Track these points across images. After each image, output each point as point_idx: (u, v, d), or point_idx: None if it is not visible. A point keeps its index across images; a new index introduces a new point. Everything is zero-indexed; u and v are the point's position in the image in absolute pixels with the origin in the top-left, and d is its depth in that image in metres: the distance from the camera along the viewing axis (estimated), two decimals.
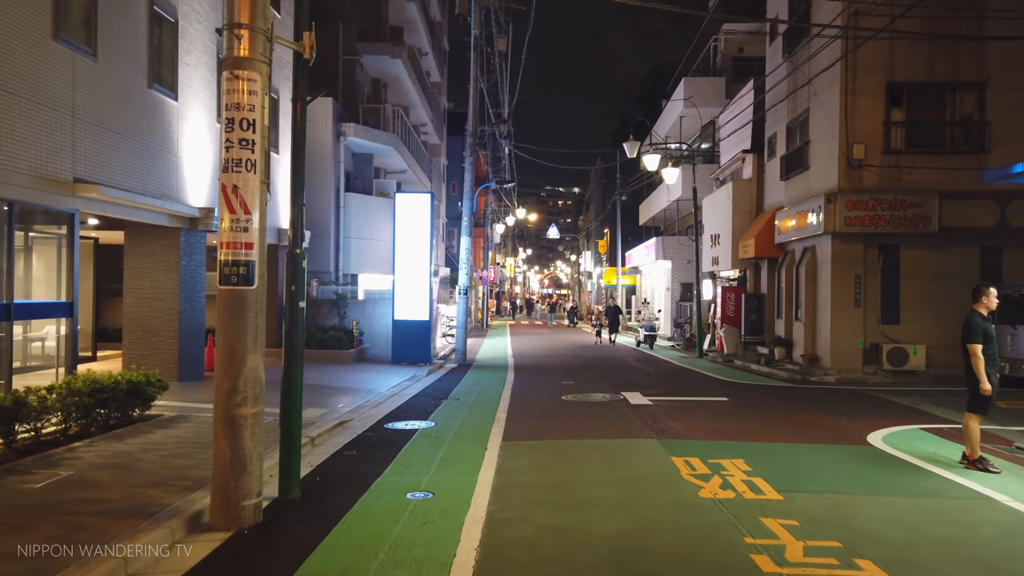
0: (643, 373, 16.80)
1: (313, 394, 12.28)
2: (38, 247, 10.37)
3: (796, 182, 18.01)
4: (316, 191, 20.18)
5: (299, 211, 6.21)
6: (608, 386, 13.95)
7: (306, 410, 10.76)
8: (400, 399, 12.34)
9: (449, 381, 15.13)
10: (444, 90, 39.38)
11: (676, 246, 29.33)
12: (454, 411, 10.97)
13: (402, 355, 17.75)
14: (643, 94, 48.98)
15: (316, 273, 20.17)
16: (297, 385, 6.20)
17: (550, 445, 8.35)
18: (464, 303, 19.87)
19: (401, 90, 26.84)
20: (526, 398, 12.31)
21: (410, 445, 8.38)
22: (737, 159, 22.54)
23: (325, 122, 20.10)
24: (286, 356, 6.21)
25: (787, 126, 18.89)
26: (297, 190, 6.25)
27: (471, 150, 19.30)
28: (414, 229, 17.77)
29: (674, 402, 11.82)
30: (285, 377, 6.19)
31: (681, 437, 8.74)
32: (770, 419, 10.22)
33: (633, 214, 40.66)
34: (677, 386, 14.29)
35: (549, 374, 16.41)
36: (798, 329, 17.46)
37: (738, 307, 21.19)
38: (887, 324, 15.65)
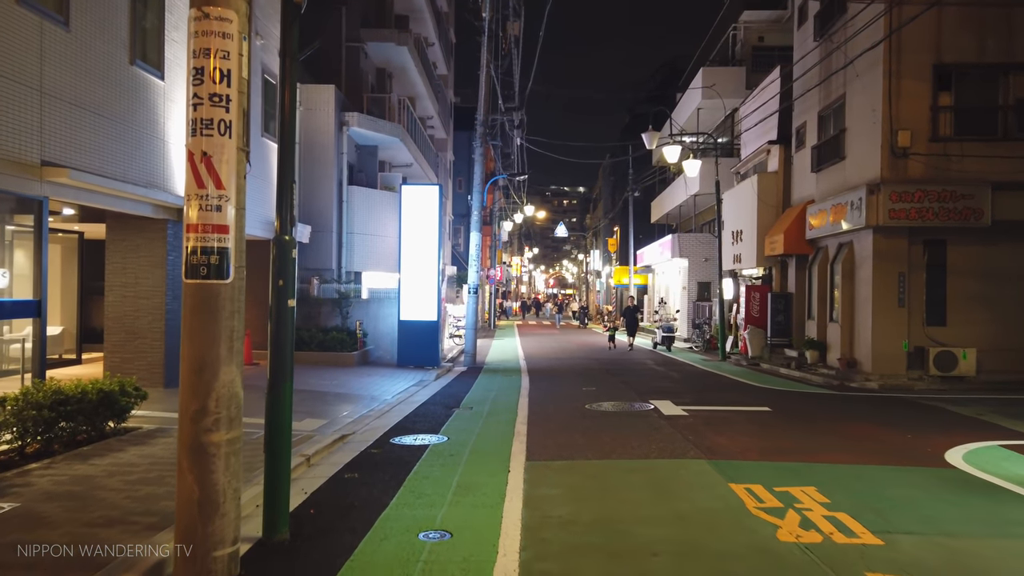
0: (667, 378, 15.64)
1: (312, 402, 11.18)
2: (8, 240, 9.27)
3: (830, 174, 16.82)
4: (317, 184, 19.06)
5: (288, 189, 5.07)
6: (634, 393, 12.80)
7: (303, 420, 9.66)
8: (407, 407, 11.21)
9: (459, 387, 14.00)
10: (451, 83, 38.27)
11: (693, 243, 28.14)
12: (468, 422, 9.83)
13: (408, 358, 16.63)
14: (654, 90, 47.82)
15: (317, 270, 19.05)
16: (285, 402, 5.07)
17: (583, 467, 7.20)
18: (474, 302, 18.74)
19: (407, 81, 25.72)
20: (546, 407, 11.17)
21: (420, 466, 7.25)
22: (761, 151, 21.36)
23: (327, 111, 18.99)
24: (272, 367, 5.08)
25: (819, 114, 17.70)
26: (286, 163, 5.10)
27: (481, 140, 18.17)
28: (421, 223, 16.64)
29: (711, 412, 10.67)
30: (271, 392, 5.06)
31: (733, 457, 7.59)
32: (825, 433, 9.07)
33: (643, 212, 39.49)
34: (708, 393, 13.13)
35: (566, 379, 15.26)
36: (833, 331, 16.28)
37: (763, 307, 20.01)
38: (932, 326, 14.47)
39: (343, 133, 19.54)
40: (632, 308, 25.11)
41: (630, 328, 24.27)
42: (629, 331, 24.28)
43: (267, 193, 15.82)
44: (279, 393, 5.02)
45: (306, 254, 19.03)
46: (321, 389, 12.68)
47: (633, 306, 25.46)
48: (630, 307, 25.25)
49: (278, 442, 4.98)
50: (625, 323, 24.78)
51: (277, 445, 4.98)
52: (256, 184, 15.11)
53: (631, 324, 24.30)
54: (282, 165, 5.01)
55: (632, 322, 24.33)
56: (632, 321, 24.35)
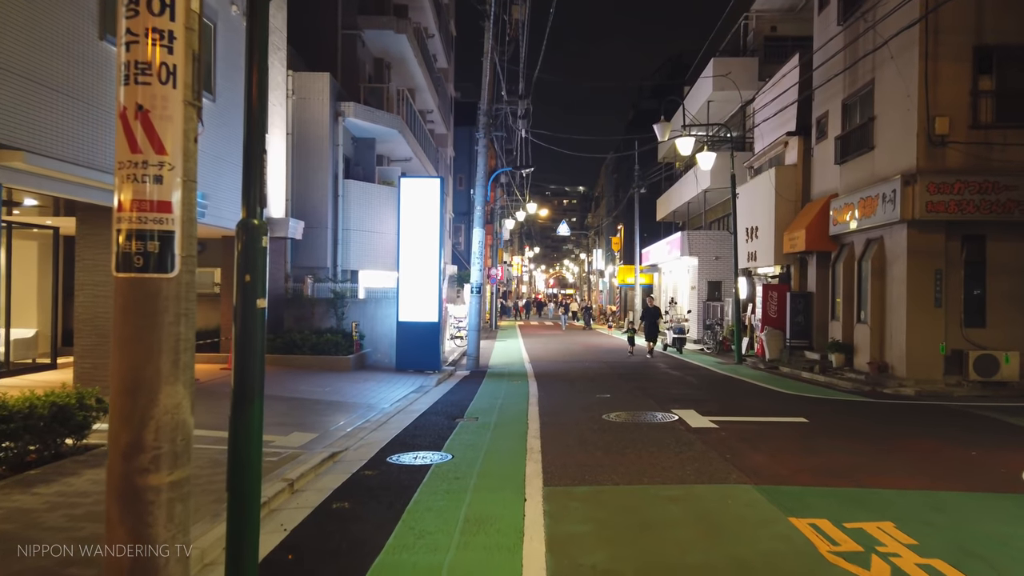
0: (685, 384, 14.62)
1: (302, 412, 10.16)
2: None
3: (856, 165, 15.81)
4: (311, 177, 18.03)
5: (257, 160, 4.02)
6: (652, 401, 11.78)
7: (290, 435, 8.64)
8: (406, 418, 10.19)
9: (463, 393, 12.98)
10: (451, 77, 37.27)
11: (704, 241, 27.12)
12: (474, 436, 8.81)
13: (407, 361, 15.60)
14: (659, 85, 46.80)
15: (311, 269, 18.02)
16: (253, 428, 4.04)
17: (612, 495, 6.18)
18: (477, 302, 17.72)
19: (406, 72, 24.71)
20: (559, 417, 10.14)
21: (422, 492, 6.23)
22: (778, 143, 20.35)
23: (321, 100, 17.96)
24: (236, 384, 4.04)
25: (843, 103, 16.69)
26: (255, 126, 4.04)
27: (484, 131, 17.14)
28: (421, 219, 15.61)
29: (743, 425, 9.64)
30: (234, 416, 4.02)
31: (783, 481, 6.57)
32: (877, 450, 8.04)
33: (648, 210, 38.35)
34: (733, 401, 12.12)
35: (577, 385, 14.24)
36: (861, 333, 15.27)
37: (781, 307, 19.00)
38: (971, 327, 13.46)
39: (339, 124, 18.51)
40: (652, 310, 21.77)
41: (650, 332, 21.21)
42: (648, 335, 21.21)
43: None
44: (245, 417, 3.99)
45: (299, 252, 18.01)
46: (312, 397, 11.66)
47: (653, 307, 21.98)
48: (649, 308, 21.86)
49: (243, 481, 3.95)
50: (644, 326, 21.48)
51: (242, 485, 3.95)
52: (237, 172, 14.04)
53: (651, 328, 21.24)
54: (250, 127, 3.98)
55: (652, 326, 21.23)
56: (652, 325, 21.25)
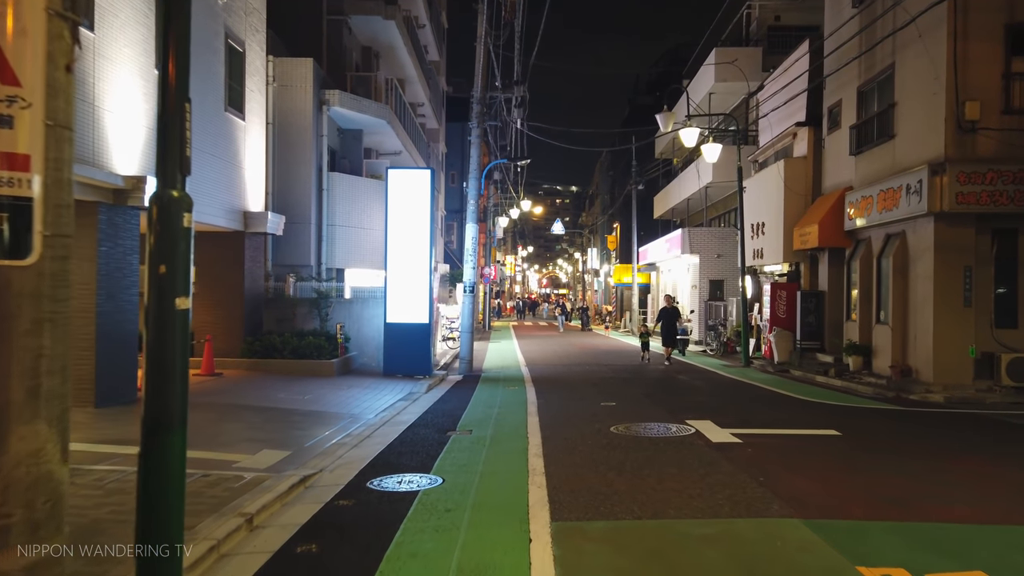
0: (694, 389, 13.63)
1: (275, 425, 9.09)
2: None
3: (875, 155, 14.84)
4: (293, 169, 16.96)
5: (178, 112, 2.97)
6: (662, 410, 10.77)
7: (259, 453, 7.57)
8: (392, 431, 9.14)
9: (455, 401, 11.94)
10: (443, 71, 36.21)
11: (705, 239, 26.14)
12: (467, 454, 7.77)
13: (396, 366, 14.54)
14: (656, 79, 45.82)
15: (293, 267, 16.94)
16: (171, 469, 2.98)
17: (633, 533, 5.15)
18: (470, 302, 16.68)
19: (395, 61, 23.64)
20: (563, 430, 9.11)
21: (406, 531, 5.19)
22: (786, 135, 19.38)
23: (304, 87, 16.89)
24: (148, 409, 2.98)
25: (858, 90, 15.73)
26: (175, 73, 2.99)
27: (478, 120, 16.09)
28: (411, 213, 14.55)
29: (769, 439, 8.63)
30: (145, 454, 2.96)
31: (834, 513, 5.56)
32: (927, 470, 7.05)
33: (645, 207, 37.36)
34: (750, 410, 11.12)
35: (578, 390, 13.23)
36: (881, 334, 14.30)
37: (791, 307, 18.04)
38: (1002, 328, 12.50)
39: (323, 113, 17.45)
40: (671, 311, 18.98)
41: (667, 336, 18.69)
42: (665, 339, 18.69)
43: (232, 177, 13.76)
44: (158, 456, 2.94)
45: (281, 249, 16.94)
46: (290, 406, 10.60)
47: (672, 307, 19.18)
48: (667, 309, 19.05)
49: (157, 538, 2.90)
50: (661, 329, 18.82)
51: (155, 544, 2.90)
52: (216, 165, 13.01)
53: (669, 331, 18.68)
54: (166, 66, 2.93)
55: (670, 328, 18.70)
56: (670, 327, 18.70)
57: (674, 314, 19.06)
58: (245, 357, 14.15)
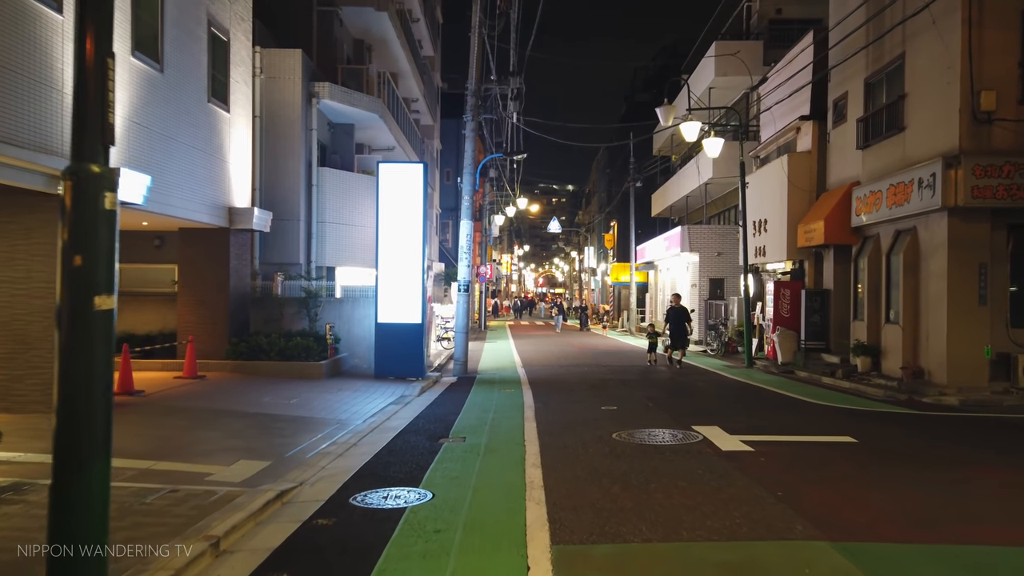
0: (698, 392, 13.12)
1: (256, 432, 8.56)
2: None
3: (883, 149, 14.33)
4: (281, 164, 16.40)
5: (99, 71, 2.43)
6: (667, 414, 10.24)
7: (234, 464, 7.02)
8: (381, 437, 8.61)
9: (448, 405, 11.40)
10: (438, 66, 35.64)
11: (706, 236, 25.63)
12: (460, 464, 7.24)
13: (387, 368, 13.99)
14: (653, 75, 45.33)
15: (282, 265, 16.38)
16: (90, 511, 2.43)
17: (644, 558, 4.61)
18: (465, 301, 16.14)
19: (388, 55, 23.07)
20: (562, 437, 8.58)
21: (389, 556, 4.65)
22: (789, 129, 18.87)
23: (292, 79, 16.32)
24: (60, 434, 2.43)
25: (866, 82, 15.22)
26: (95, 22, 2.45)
27: (472, 112, 15.54)
28: (403, 209, 14.00)
29: (781, 446, 8.11)
30: (56, 491, 2.41)
31: (864, 534, 5.03)
32: (953, 482, 6.53)
33: (643, 205, 36.82)
34: (758, 414, 10.61)
35: (577, 393, 12.70)
36: (891, 334, 13.79)
37: (795, 306, 17.53)
38: (1019, 328, 12.01)
39: (312, 106, 16.88)
40: (679, 310, 17.52)
41: (676, 338, 17.24)
42: (674, 342, 17.29)
43: (216, 171, 13.20)
44: (74, 493, 2.39)
45: (269, 246, 16.38)
46: (274, 411, 10.05)
47: (679, 307, 17.68)
48: (675, 308, 17.58)
49: None
50: (670, 330, 17.41)
51: None
52: (198, 158, 12.46)
53: (678, 332, 17.22)
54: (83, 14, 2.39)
55: (680, 329, 17.25)
56: (680, 328, 17.25)
57: (682, 314, 17.54)
58: (230, 359, 13.59)
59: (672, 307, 17.89)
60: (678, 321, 17.33)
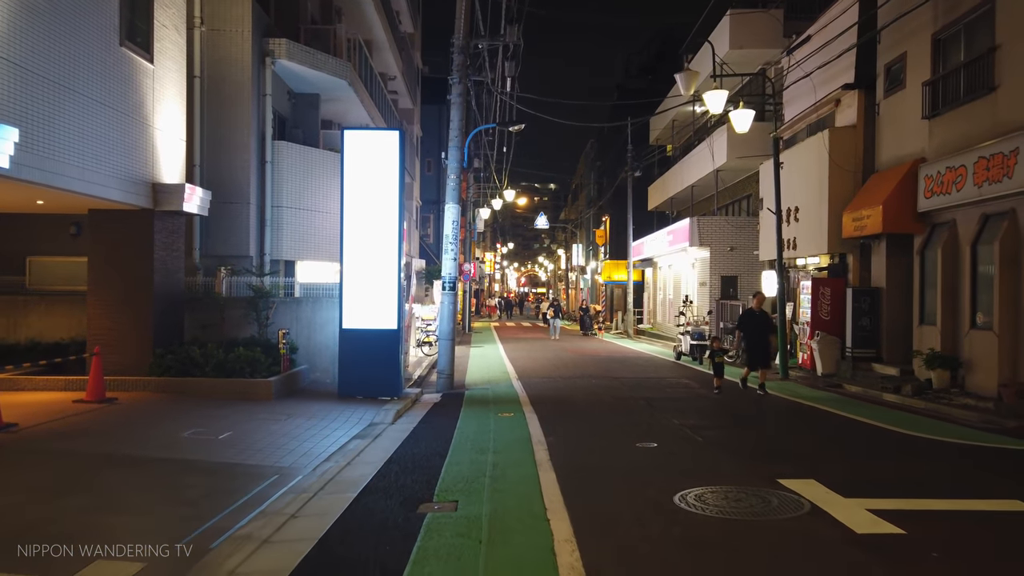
0: (747, 417, 10.51)
1: (156, 495, 5.87)
2: None
3: (963, 115, 11.78)
4: (227, 135, 13.56)
5: None
6: (729, 457, 7.57)
7: (87, 569, 4.24)
8: (331, 506, 5.83)
9: (431, 438, 8.62)
10: (418, 45, 32.80)
11: (718, 229, 23.03)
12: (453, 567, 4.48)
13: (354, 385, 11.20)
14: (646, 63, 42.77)
15: (227, 258, 13.53)
16: None
17: None
18: (451, 302, 13.38)
19: (361, 20, 20.22)
20: (598, 500, 5.89)
21: None
22: (826, 102, 16.30)
23: (241, 32, 13.48)
24: None
25: (934, 37, 12.66)
26: None
27: (460, 74, 12.79)
28: (376, 188, 11.23)
29: (934, 520, 5.43)
30: None
31: None
32: None
33: (638, 200, 33.98)
34: (851, 454, 7.99)
35: (594, 418, 10.02)
36: (980, 343, 11.20)
37: (837, 307, 14.96)
38: None
39: (266, 67, 14.05)
40: (759, 316, 12.67)
41: (757, 355, 12.51)
42: (753, 358, 12.56)
43: (133, 136, 10.33)
44: None
45: (212, 235, 13.53)
46: (191, 454, 7.27)
47: (761, 312, 12.80)
48: (755, 313, 12.71)
49: None
50: (746, 344, 12.68)
51: None
52: (103, 115, 9.58)
53: (759, 345, 12.50)
54: None
55: (762, 343, 12.55)
56: (762, 340, 12.54)
57: (765, 322, 12.69)
58: (155, 375, 10.74)
59: (750, 311, 13.01)
60: (760, 332, 12.55)
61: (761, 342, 12.55)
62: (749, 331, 12.59)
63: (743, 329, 12.73)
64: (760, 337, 12.53)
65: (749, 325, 12.67)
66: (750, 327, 12.62)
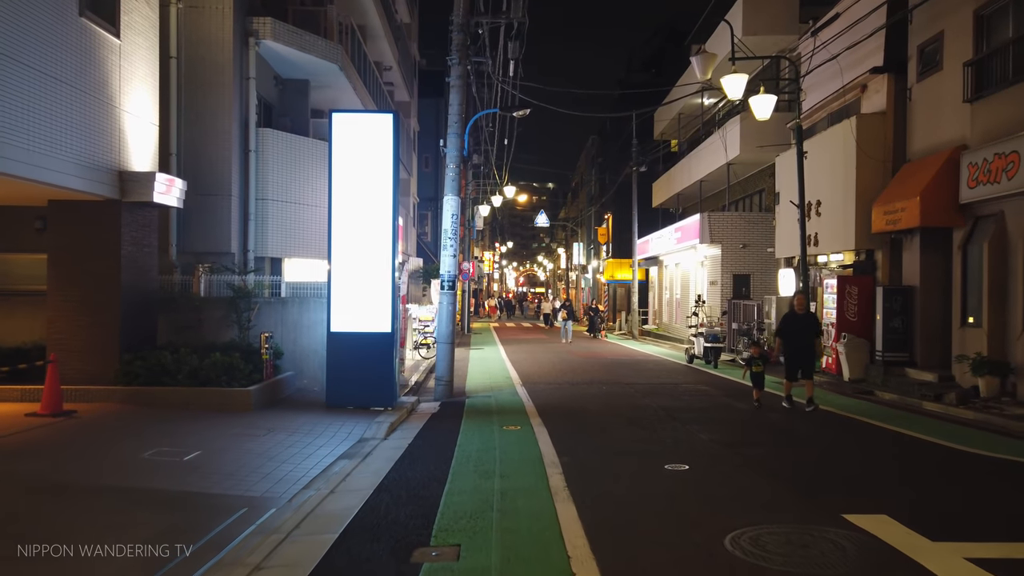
0: (781, 431, 9.44)
1: (96, 531, 4.72)
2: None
3: (1011, 97, 10.75)
4: (207, 121, 12.50)
5: None
6: (775, 483, 6.52)
7: None
8: (308, 550, 4.78)
9: (429, 459, 7.55)
10: (415, 36, 31.72)
11: (730, 225, 21.98)
12: None
13: (344, 394, 10.14)
14: (650, 56, 41.71)
15: (209, 255, 12.48)
16: None
17: None
18: (450, 303, 12.31)
19: (354, 4, 19.11)
20: (631, 546, 4.83)
21: None
22: (852, 88, 15.25)
23: (221, 9, 12.42)
24: None
25: (976, 14, 11.63)
26: None
27: (459, 53, 11.73)
28: (368, 176, 10.17)
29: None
30: None
31: None
32: None
33: (641, 197, 32.87)
34: (912, 481, 6.92)
35: (612, 435, 8.97)
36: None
37: (865, 307, 13.93)
38: None
39: (250, 48, 12.99)
40: (804, 318, 11.22)
41: (797, 359, 10.83)
42: (793, 367, 10.86)
43: (95, 118, 9.25)
44: None
45: (191, 230, 12.46)
46: (150, 481, 6.23)
47: (805, 314, 11.52)
48: (798, 315, 11.18)
49: None
50: (787, 351, 10.96)
51: None
52: (62, 95, 8.51)
53: (802, 352, 10.82)
54: None
55: (809, 349, 10.86)
56: (809, 347, 10.85)
57: (811, 325, 11.15)
58: (122, 383, 9.67)
59: (791, 314, 11.26)
60: (804, 335, 10.84)
61: (806, 348, 10.82)
62: (791, 337, 10.89)
63: (784, 336, 11.06)
64: (802, 344, 10.82)
65: (792, 329, 10.96)
66: (792, 331, 10.93)
